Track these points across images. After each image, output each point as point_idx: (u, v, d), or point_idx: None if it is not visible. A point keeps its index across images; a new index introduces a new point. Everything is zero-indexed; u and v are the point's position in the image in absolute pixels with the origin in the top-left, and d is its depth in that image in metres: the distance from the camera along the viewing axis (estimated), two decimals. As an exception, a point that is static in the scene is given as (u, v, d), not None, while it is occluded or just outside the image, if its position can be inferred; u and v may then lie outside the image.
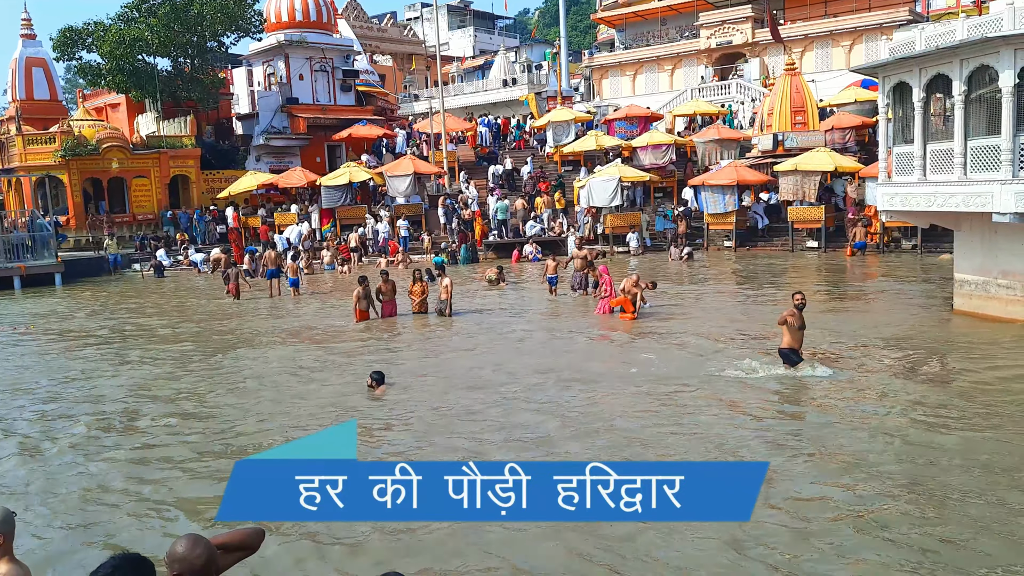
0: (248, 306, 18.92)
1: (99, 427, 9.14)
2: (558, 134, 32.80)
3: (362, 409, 9.35)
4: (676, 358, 11.41)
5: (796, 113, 26.80)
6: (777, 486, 6.50)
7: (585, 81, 47.81)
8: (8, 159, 32.62)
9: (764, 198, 26.85)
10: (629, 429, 8.20)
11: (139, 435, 8.80)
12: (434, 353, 12.64)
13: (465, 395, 9.79)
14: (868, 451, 7.33)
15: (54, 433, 9.02)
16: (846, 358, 10.90)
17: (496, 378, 10.59)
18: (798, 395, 9.43)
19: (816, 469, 7.00)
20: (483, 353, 12.42)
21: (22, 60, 36.86)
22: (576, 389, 9.85)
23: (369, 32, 58.23)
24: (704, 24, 40.07)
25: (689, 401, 9.15)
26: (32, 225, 27.31)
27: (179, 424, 9.08)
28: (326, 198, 29.95)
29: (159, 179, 32.42)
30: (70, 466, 7.85)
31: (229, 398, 10.24)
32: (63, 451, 8.34)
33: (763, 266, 22.18)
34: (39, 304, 21.25)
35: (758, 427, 8.19)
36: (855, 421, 8.23)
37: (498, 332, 14.11)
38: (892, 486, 6.53)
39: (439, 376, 10.89)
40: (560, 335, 13.66)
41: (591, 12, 59.03)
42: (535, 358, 11.79)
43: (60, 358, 13.56)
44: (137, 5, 34.02)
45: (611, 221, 26.89)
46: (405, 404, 9.55)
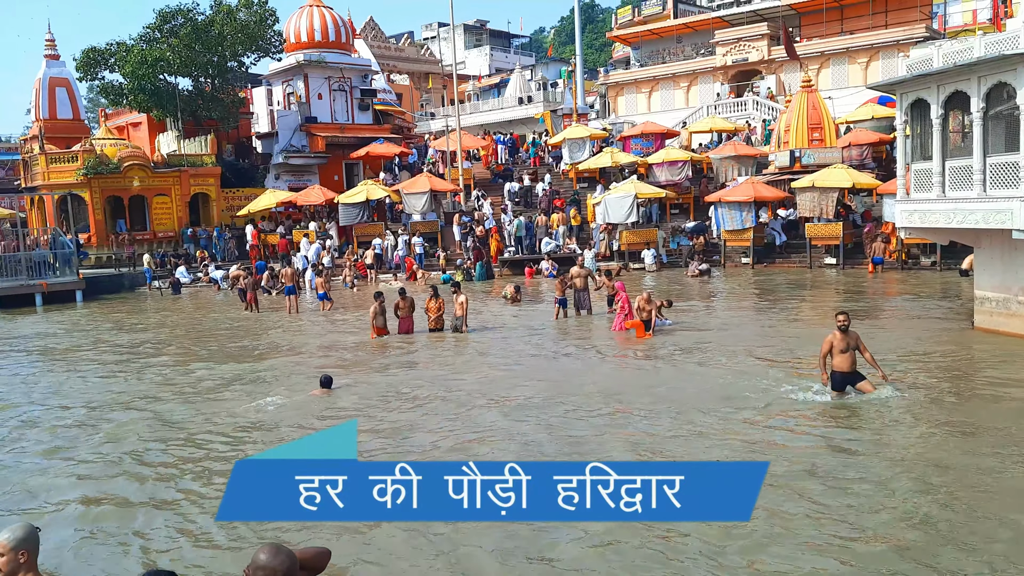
0: (265, 322, 19.07)
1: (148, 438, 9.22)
2: (574, 151, 32.93)
3: (381, 418, 9.39)
4: (710, 378, 11.14)
5: (813, 130, 26.78)
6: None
7: (600, 98, 48.02)
8: (31, 178, 33.11)
9: (782, 215, 26.78)
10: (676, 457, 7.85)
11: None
12: (463, 369, 12.64)
13: (501, 417, 9.56)
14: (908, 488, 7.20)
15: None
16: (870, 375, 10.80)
17: (529, 396, 10.56)
18: (841, 419, 9.04)
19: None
20: (509, 371, 12.38)
21: (46, 80, 37.47)
22: (603, 409, 9.81)
23: (387, 51, 58.83)
24: (720, 42, 40.18)
25: (738, 424, 8.82)
26: (54, 243, 27.69)
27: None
28: (343, 215, 30.18)
29: (180, 197, 32.79)
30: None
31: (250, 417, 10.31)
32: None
33: (781, 283, 22.09)
34: (58, 321, 21.51)
35: (810, 454, 7.78)
36: (899, 448, 8.08)
37: (518, 350, 14.10)
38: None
39: (483, 396, 10.64)
40: (580, 353, 13.58)
41: (607, 30, 59.41)
42: (561, 377, 11.71)
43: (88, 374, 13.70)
44: (159, 26, 34.55)
45: (627, 238, 26.90)
46: (430, 421, 9.57)
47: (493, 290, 23.25)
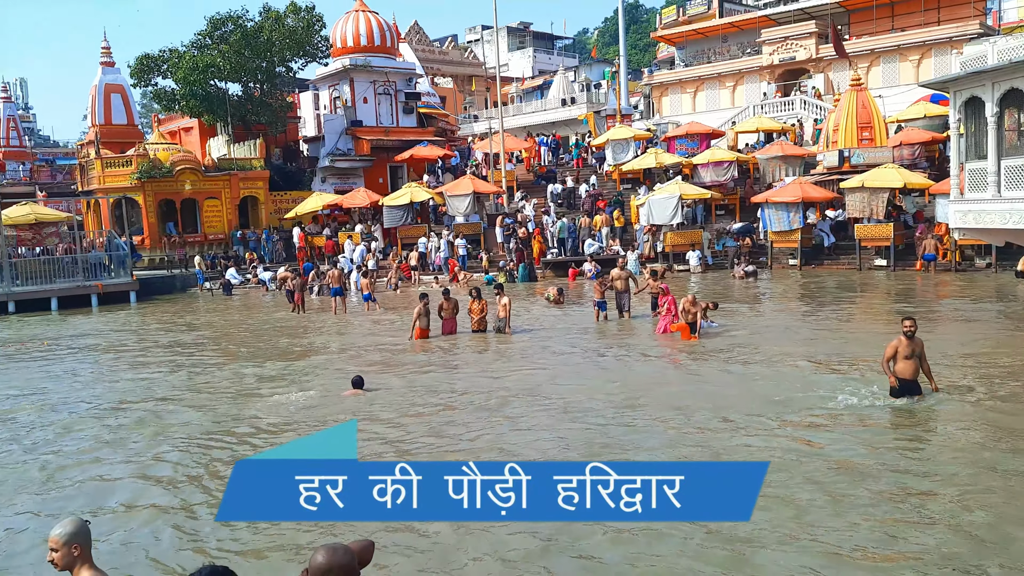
0: (311, 322, 19.37)
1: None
2: (617, 152, 32.79)
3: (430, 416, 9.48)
4: (759, 381, 10.95)
5: (862, 129, 26.26)
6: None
7: (644, 99, 47.72)
8: (88, 182, 34.12)
9: (830, 215, 26.33)
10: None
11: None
12: (504, 371, 12.69)
13: (566, 421, 9.39)
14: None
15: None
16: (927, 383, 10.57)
17: (572, 399, 10.57)
18: (899, 425, 8.81)
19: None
20: (550, 373, 12.40)
21: (101, 87, 38.62)
22: (647, 412, 9.78)
23: (431, 55, 59.27)
24: (766, 40, 39.64)
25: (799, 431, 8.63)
26: (109, 245, 28.49)
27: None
28: (388, 218, 30.51)
29: (230, 200, 33.48)
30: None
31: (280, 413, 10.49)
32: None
33: (830, 285, 21.72)
34: (114, 320, 22.14)
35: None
36: (967, 454, 7.90)
37: (561, 351, 14.10)
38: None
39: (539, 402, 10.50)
40: (624, 355, 13.51)
41: (651, 31, 59.05)
42: (605, 379, 11.67)
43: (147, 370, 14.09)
44: (210, 32, 35.34)
45: (671, 239, 26.71)
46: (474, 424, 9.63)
47: (536, 292, 23.27)
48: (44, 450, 9.29)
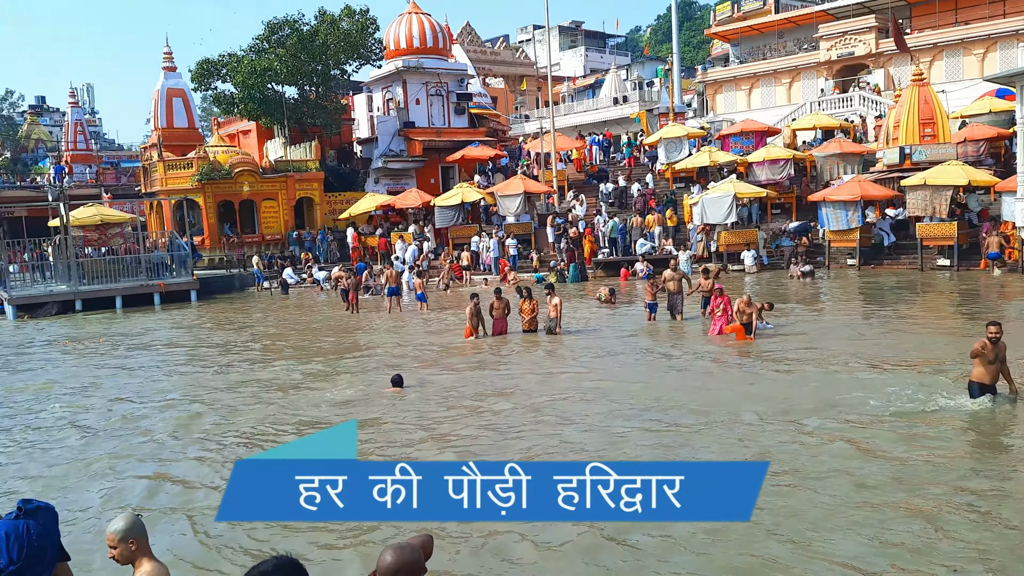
0: (364, 321, 19.64)
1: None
2: (670, 151, 32.46)
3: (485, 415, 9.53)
4: (821, 384, 10.68)
5: (924, 125, 25.52)
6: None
7: (698, 97, 47.18)
8: (150, 184, 35.14)
9: (891, 214, 25.66)
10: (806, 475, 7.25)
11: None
12: (552, 370, 12.69)
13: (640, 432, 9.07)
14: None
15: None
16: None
17: (623, 402, 10.53)
18: (977, 428, 8.55)
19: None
20: (602, 375, 12.36)
21: (164, 91, 39.73)
22: (702, 416, 9.68)
23: (482, 55, 59.49)
24: (824, 36, 38.83)
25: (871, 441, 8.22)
26: (171, 245, 29.30)
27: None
28: (439, 218, 30.74)
29: (286, 201, 34.13)
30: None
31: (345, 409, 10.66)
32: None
33: (891, 285, 21.17)
34: (177, 317, 22.76)
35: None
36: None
37: (612, 353, 14.03)
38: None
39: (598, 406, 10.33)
40: (678, 357, 13.37)
41: (705, 27, 58.32)
42: (659, 381, 11.58)
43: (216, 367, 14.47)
44: (267, 37, 36.07)
45: (725, 238, 26.34)
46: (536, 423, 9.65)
47: (587, 292, 23.20)
48: (102, 442, 9.62)
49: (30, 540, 3.21)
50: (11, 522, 3.22)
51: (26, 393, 12.95)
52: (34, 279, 28.31)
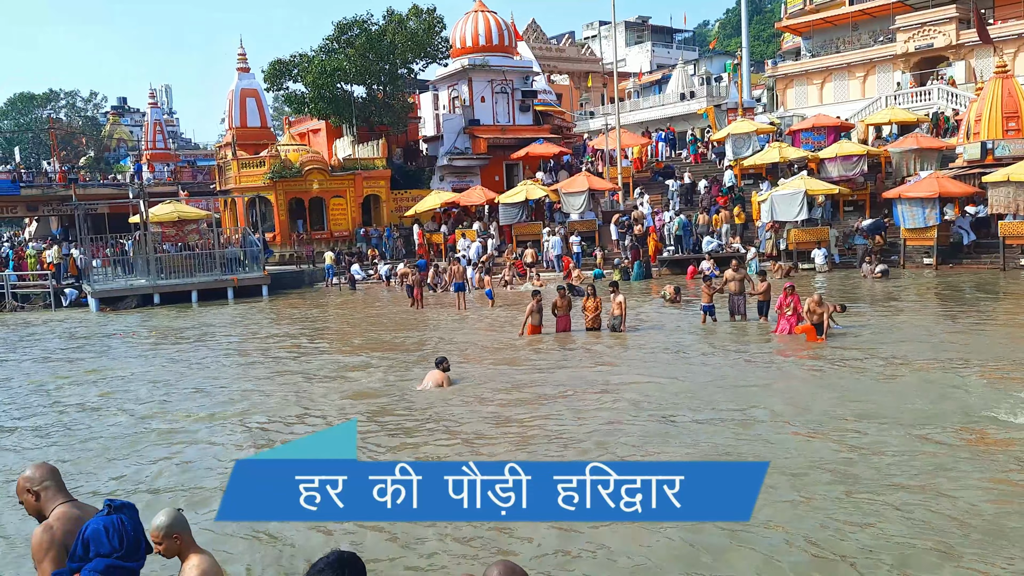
0: (428, 317, 19.86)
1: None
2: (738, 147, 31.86)
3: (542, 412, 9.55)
4: (903, 390, 10.25)
5: (1008, 119, 24.44)
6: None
7: (768, 91, 46.19)
8: (225, 181, 36.22)
9: (971, 211, 24.68)
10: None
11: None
12: (611, 370, 12.62)
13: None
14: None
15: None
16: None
17: (687, 404, 10.42)
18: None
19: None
20: (664, 376, 12.23)
21: (238, 91, 40.86)
22: (770, 422, 9.50)
23: (547, 52, 59.41)
24: (901, 27, 37.54)
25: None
26: (244, 241, 30.15)
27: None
28: (503, 215, 30.84)
29: (354, 199, 34.75)
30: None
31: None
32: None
33: (971, 286, 20.36)
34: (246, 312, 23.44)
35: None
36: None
37: (676, 352, 13.85)
38: None
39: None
40: (749, 358, 13.06)
41: (775, 20, 56.99)
42: (724, 382, 11.34)
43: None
44: (336, 37, 36.75)
45: (796, 236, 25.74)
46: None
47: (652, 290, 22.97)
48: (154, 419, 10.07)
49: (127, 532, 3.49)
50: (106, 517, 3.49)
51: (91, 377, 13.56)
52: (115, 274, 29.49)
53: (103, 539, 3.42)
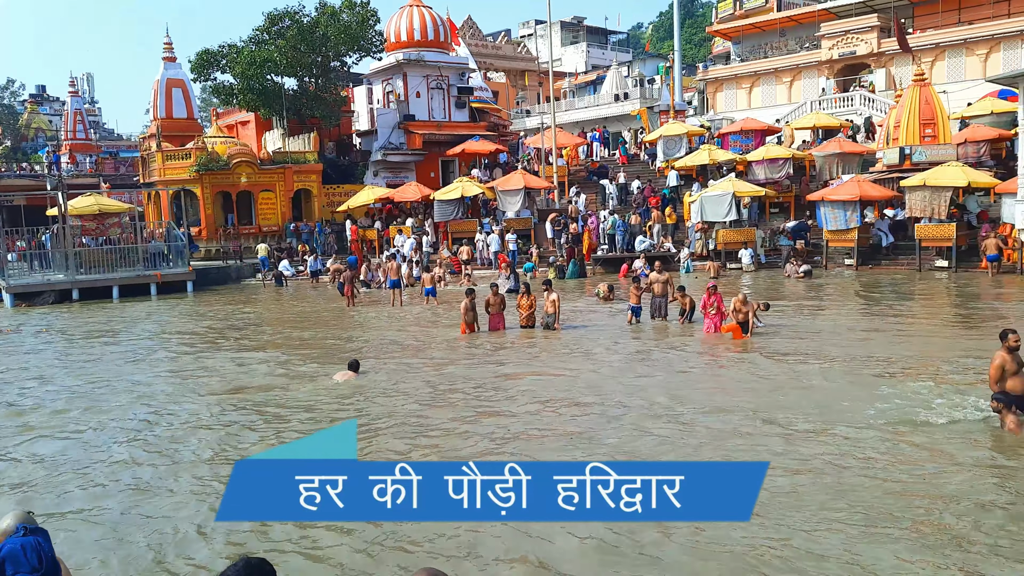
0: (359, 315, 19.59)
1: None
2: (669, 148, 32.40)
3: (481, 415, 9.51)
4: (831, 386, 10.54)
5: (925, 126, 25.47)
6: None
7: (699, 95, 47.10)
8: (149, 174, 35.06)
9: (889, 215, 25.63)
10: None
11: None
12: (537, 368, 12.66)
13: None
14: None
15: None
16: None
17: (611, 398, 10.51)
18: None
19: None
20: (591, 372, 12.34)
21: (163, 81, 39.56)
22: (700, 421, 9.65)
23: (484, 49, 59.32)
24: (826, 35, 38.76)
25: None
26: (169, 236, 29.24)
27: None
28: (438, 212, 30.66)
29: (284, 193, 34.05)
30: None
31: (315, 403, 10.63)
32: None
33: (889, 286, 21.13)
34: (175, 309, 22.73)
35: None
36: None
37: (606, 350, 14.00)
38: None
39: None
40: (676, 355, 13.33)
41: (706, 25, 58.14)
42: (655, 379, 11.56)
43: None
44: (267, 28, 35.96)
45: (724, 236, 26.30)
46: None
47: (586, 288, 23.15)
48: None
49: (44, 551, 3.76)
50: (22, 538, 3.77)
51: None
52: (32, 268, 28.24)
53: (21, 559, 3.62)
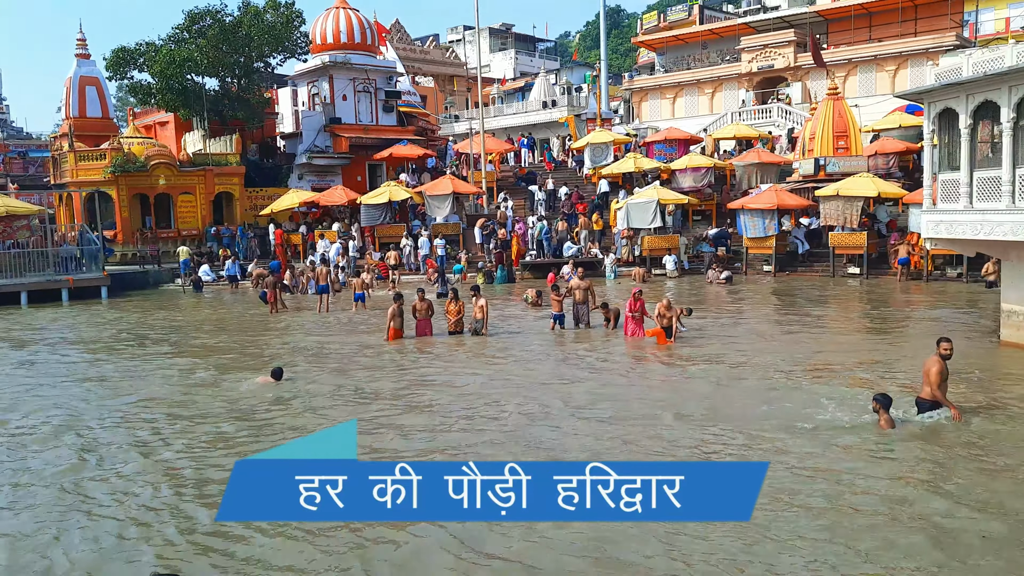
0: (283, 321, 19.17)
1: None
2: (596, 156, 32.83)
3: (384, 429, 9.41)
4: (743, 394, 10.75)
5: (838, 138, 26.52)
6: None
7: (625, 103, 47.88)
8: (60, 175, 33.59)
9: (805, 223, 26.55)
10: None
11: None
12: (461, 372, 12.64)
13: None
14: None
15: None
16: (897, 391, 10.67)
17: (534, 402, 10.55)
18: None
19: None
20: (519, 376, 12.37)
21: (76, 79, 37.97)
22: (621, 423, 9.77)
23: (412, 54, 59.05)
24: (745, 48, 39.94)
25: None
26: (82, 239, 28.04)
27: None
28: (365, 216, 30.29)
29: (204, 196, 33.08)
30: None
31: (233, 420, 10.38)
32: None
33: (804, 292, 21.87)
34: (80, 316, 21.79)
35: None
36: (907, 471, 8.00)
37: (534, 355, 14.06)
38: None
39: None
40: (602, 360, 13.47)
41: (632, 35, 59.34)
42: (581, 384, 11.66)
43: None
44: (187, 26, 34.91)
45: (649, 243, 26.78)
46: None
47: (514, 294, 23.22)
48: None
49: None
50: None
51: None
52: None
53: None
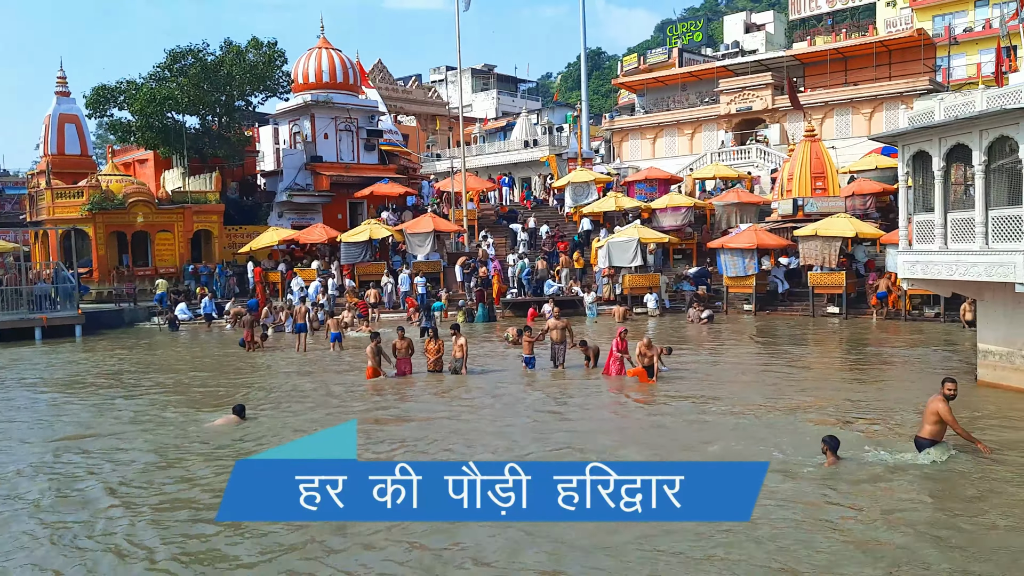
0: (260, 360, 18.90)
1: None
2: (577, 194, 33.05)
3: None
4: (732, 434, 10.61)
5: (816, 179, 26.88)
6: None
7: (605, 143, 48.40)
8: (37, 212, 33.29)
9: (784, 262, 26.75)
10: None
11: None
12: (440, 412, 12.47)
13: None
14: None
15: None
16: (882, 432, 10.62)
17: (516, 445, 10.39)
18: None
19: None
20: (502, 418, 12.22)
21: (55, 116, 37.85)
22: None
23: (394, 93, 59.52)
24: (724, 90, 40.59)
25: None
26: (57, 277, 27.69)
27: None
28: (346, 254, 30.19)
29: (182, 234, 32.86)
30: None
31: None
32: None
33: (784, 331, 21.94)
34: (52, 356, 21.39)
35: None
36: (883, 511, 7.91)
37: (516, 396, 13.92)
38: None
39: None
40: (582, 401, 13.33)
41: (612, 77, 60.19)
42: (562, 426, 11.54)
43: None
44: (168, 65, 34.98)
45: (630, 281, 26.85)
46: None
47: (495, 332, 23.11)
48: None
49: None
50: None
51: None
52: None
53: None
